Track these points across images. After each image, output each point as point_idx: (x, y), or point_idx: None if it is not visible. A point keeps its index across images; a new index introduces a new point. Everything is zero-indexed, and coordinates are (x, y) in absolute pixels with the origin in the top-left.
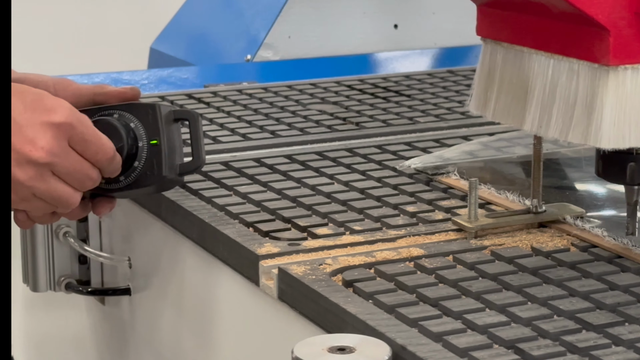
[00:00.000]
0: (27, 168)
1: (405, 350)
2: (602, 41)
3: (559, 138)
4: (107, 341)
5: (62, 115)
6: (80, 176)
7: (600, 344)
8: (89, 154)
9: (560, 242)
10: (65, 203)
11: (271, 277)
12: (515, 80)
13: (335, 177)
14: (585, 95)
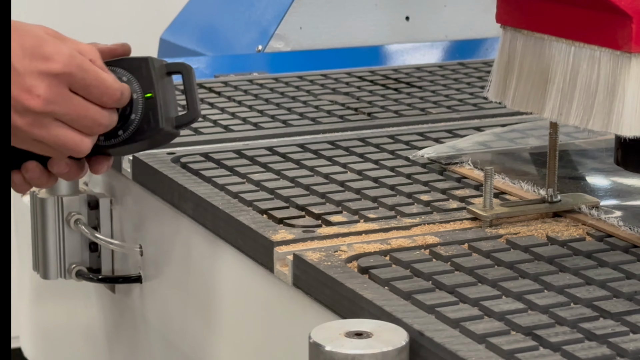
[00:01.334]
0: (24, 115)
1: (422, 336)
2: (624, 28)
3: (579, 126)
4: (117, 329)
5: (60, 64)
6: (87, 122)
7: (618, 331)
8: (93, 98)
9: (576, 232)
10: (75, 148)
11: (286, 264)
12: (535, 67)
13: (348, 166)
14: (606, 82)
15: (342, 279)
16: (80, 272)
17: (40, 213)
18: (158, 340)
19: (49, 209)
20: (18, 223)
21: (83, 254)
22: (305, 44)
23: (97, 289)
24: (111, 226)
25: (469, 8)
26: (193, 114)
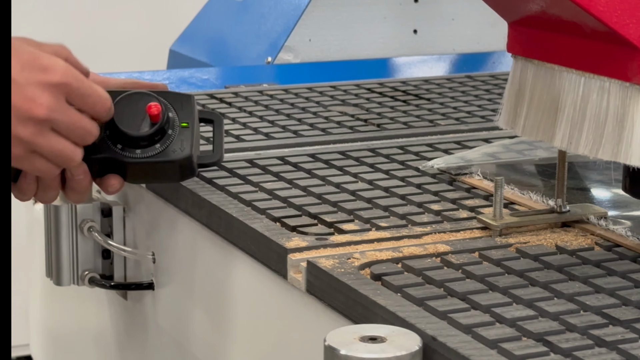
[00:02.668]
0: (28, 125)
1: (435, 341)
2: (633, 60)
3: (589, 155)
4: (129, 336)
5: (58, 74)
6: (80, 131)
7: (628, 338)
8: (87, 107)
9: (585, 241)
10: (67, 158)
11: (299, 270)
12: (545, 97)
13: (359, 176)
14: (615, 113)
15: (356, 286)
16: (93, 279)
17: (54, 220)
18: (170, 347)
19: (63, 216)
20: (31, 230)
21: (96, 260)
22: (315, 56)
23: (110, 296)
24: (124, 233)
25: (476, 22)
26: (217, 156)
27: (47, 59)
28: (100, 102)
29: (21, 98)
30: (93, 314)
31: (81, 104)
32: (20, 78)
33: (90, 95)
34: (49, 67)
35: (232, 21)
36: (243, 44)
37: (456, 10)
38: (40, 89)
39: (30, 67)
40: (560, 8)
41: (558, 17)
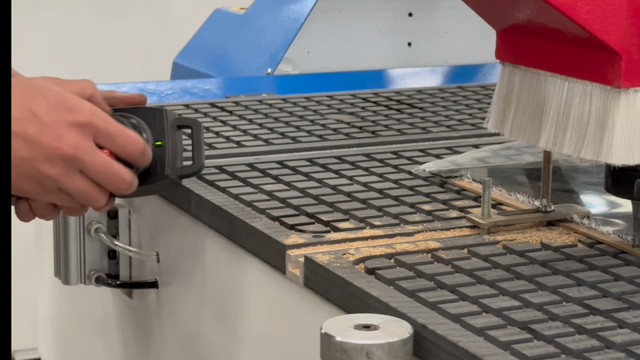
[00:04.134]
0: (56, 163)
1: (425, 328)
2: (614, 65)
3: (572, 154)
4: (134, 333)
5: (85, 115)
6: (109, 175)
7: (607, 326)
8: (117, 148)
9: (568, 239)
10: (92, 200)
11: (297, 266)
12: (531, 100)
13: (354, 179)
14: (597, 115)
15: (351, 279)
16: (100, 278)
17: (62, 222)
18: (174, 343)
19: (71, 218)
20: (40, 232)
21: (102, 261)
22: (313, 68)
23: (115, 295)
24: (129, 234)
25: (467, 35)
26: (197, 166)
27: (73, 100)
28: (130, 143)
29: (49, 137)
30: (99, 312)
31: (111, 146)
32: (48, 118)
33: (119, 136)
34: (75, 108)
35: (233, 34)
36: (244, 56)
37: (449, 24)
38: (67, 128)
39: (57, 107)
40: (546, 16)
41: (543, 25)
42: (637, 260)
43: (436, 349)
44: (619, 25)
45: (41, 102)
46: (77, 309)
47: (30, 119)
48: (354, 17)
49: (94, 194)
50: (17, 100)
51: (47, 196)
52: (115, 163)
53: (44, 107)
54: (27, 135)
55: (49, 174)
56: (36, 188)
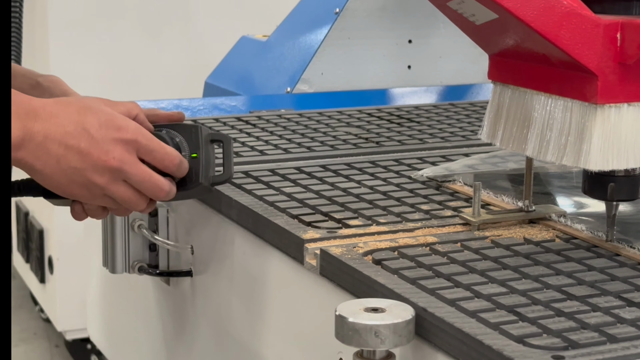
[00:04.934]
0: (104, 173)
1: (426, 311)
2: (591, 84)
3: (555, 161)
4: (171, 316)
5: (130, 133)
6: (149, 185)
7: (582, 309)
8: (157, 162)
9: (547, 235)
10: (134, 205)
11: (314, 257)
12: (519, 115)
13: (362, 183)
14: (577, 127)
15: (361, 268)
16: (142, 268)
17: (110, 219)
18: (206, 324)
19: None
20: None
21: (144, 253)
22: (326, 87)
23: (155, 282)
24: (167, 230)
25: (459, 59)
26: (227, 175)
27: (120, 120)
28: (167, 158)
29: (98, 151)
30: (141, 297)
31: (151, 159)
32: (98, 135)
33: (158, 151)
34: (122, 127)
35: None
36: (266, 77)
37: (443, 50)
38: (114, 144)
39: (106, 126)
40: (532, 42)
41: (530, 50)
42: (608, 253)
43: (435, 329)
44: (596, 51)
45: (93, 120)
46: (121, 294)
47: (83, 134)
48: (361, 44)
49: (136, 200)
50: (73, 117)
51: (94, 200)
52: (154, 174)
53: (95, 124)
54: (80, 148)
55: (97, 182)
56: (85, 193)
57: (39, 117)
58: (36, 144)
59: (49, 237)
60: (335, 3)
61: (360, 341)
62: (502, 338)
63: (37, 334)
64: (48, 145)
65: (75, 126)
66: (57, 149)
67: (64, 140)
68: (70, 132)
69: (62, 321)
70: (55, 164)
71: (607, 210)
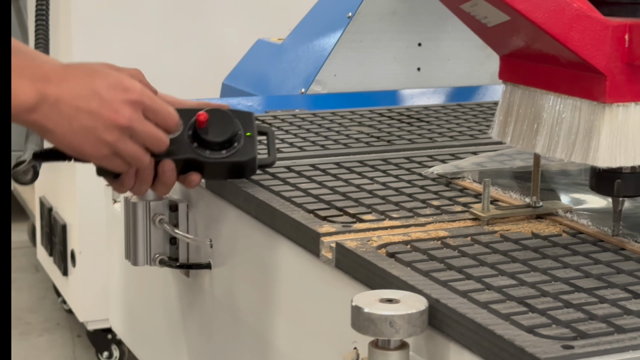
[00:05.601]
0: (113, 131)
1: (439, 302)
2: (600, 84)
3: (564, 159)
4: (191, 307)
5: (136, 94)
6: (154, 140)
7: (590, 301)
8: (159, 121)
9: (554, 229)
10: (139, 161)
11: (330, 250)
12: (529, 114)
13: (374, 179)
14: (585, 125)
15: (375, 261)
16: (162, 260)
17: (132, 214)
18: (224, 315)
19: (139, 211)
20: (110, 224)
21: (165, 246)
22: (339, 88)
23: (175, 274)
24: (187, 224)
25: (467, 62)
26: (272, 159)
27: (128, 81)
28: (169, 117)
29: (108, 110)
30: (161, 288)
31: (154, 118)
32: (107, 96)
33: (161, 112)
34: (129, 88)
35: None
36: (281, 78)
37: (452, 52)
38: (123, 104)
39: (115, 88)
40: (542, 43)
41: (540, 51)
42: (613, 247)
43: (448, 320)
44: (605, 51)
45: (102, 83)
46: (142, 286)
47: (94, 96)
48: (373, 47)
49: (142, 155)
50: (83, 80)
51: (104, 160)
52: (157, 130)
53: (104, 86)
54: (91, 108)
55: (107, 140)
56: (96, 152)
57: (51, 81)
58: (49, 106)
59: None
60: (348, 7)
61: (375, 331)
62: (513, 328)
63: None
64: (60, 107)
65: (85, 88)
66: (69, 110)
67: (75, 101)
68: (81, 94)
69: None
70: (67, 124)
71: (614, 206)
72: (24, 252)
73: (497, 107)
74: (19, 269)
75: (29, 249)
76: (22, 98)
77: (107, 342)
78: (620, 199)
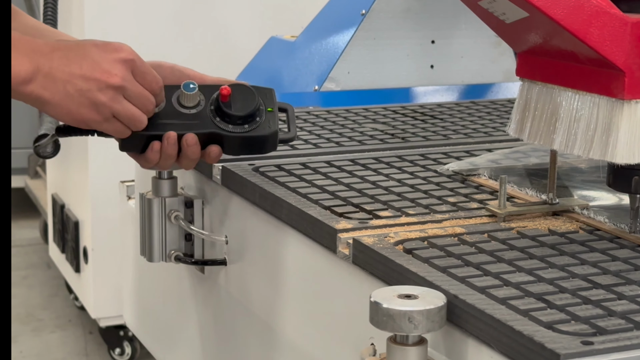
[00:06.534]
0: (107, 91)
1: (457, 298)
2: (618, 81)
3: (582, 155)
4: (206, 303)
5: (127, 53)
6: (144, 100)
7: (608, 297)
8: (147, 83)
9: (571, 226)
10: (137, 121)
11: (346, 246)
12: (546, 110)
13: (390, 176)
14: (604, 122)
15: (393, 257)
16: (178, 257)
17: (147, 210)
18: (240, 311)
19: (155, 207)
20: (124, 221)
21: (180, 242)
22: (352, 85)
23: (190, 271)
24: (202, 221)
25: (480, 59)
26: (292, 134)
27: (117, 43)
28: (155, 80)
29: (100, 71)
30: (177, 285)
31: (142, 80)
32: (98, 57)
33: (149, 74)
34: (119, 48)
35: (286, 58)
36: (295, 76)
37: (465, 50)
38: (114, 63)
39: (104, 48)
40: (560, 40)
41: (558, 47)
42: (630, 244)
43: (466, 315)
44: (624, 48)
45: (92, 46)
46: (157, 282)
47: (85, 58)
48: (386, 44)
49: (139, 115)
50: (73, 47)
51: (104, 124)
52: (145, 90)
53: (94, 49)
54: (83, 71)
55: (102, 101)
56: (94, 116)
57: (43, 53)
58: (43, 76)
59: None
60: (362, 5)
61: (394, 326)
62: (532, 324)
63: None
64: (54, 74)
65: (76, 54)
66: (63, 76)
67: (68, 67)
68: (73, 59)
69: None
70: (62, 91)
71: (631, 203)
72: (36, 249)
73: (515, 104)
74: (31, 265)
75: (40, 246)
76: (18, 69)
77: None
78: (638, 195)
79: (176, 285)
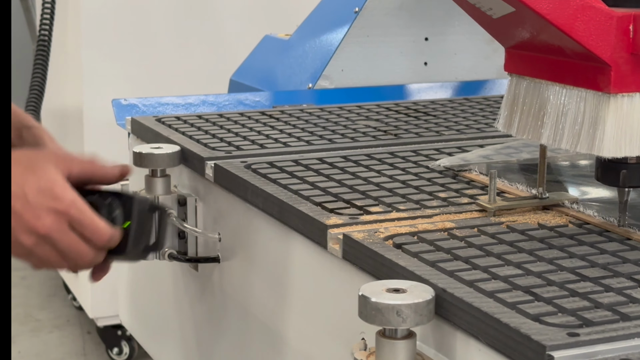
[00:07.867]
0: (31, 235)
1: (445, 292)
2: (605, 75)
3: (569, 149)
4: (200, 300)
5: (64, 204)
6: (74, 255)
7: (596, 290)
8: (87, 234)
9: (561, 220)
10: (56, 268)
11: (337, 242)
12: (534, 105)
13: (381, 172)
14: (590, 116)
15: (382, 252)
16: (171, 255)
17: None
18: (233, 308)
19: None
20: None
21: (173, 240)
22: (346, 83)
23: (184, 268)
24: (196, 218)
25: (473, 56)
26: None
27: (60, 188)
28: (97, 233)
29: (30, 214)
30: (171, 282)
31: (81, 231)
32: (34, 200)
33: (88, 227)
34: (58, 196)
35: (280, 56)
36: (289, 74)
37: (458, 47)
38: (47, 212)
39: (44, 192)
40: (547, 34)
41: (545, 42)
42: (619, 237)
43: (454, 309)
44: (609, 42)
45: (33, 185)
46: (152, 280)
47: (21, 196)
48: (379, 41)
49: (58, 264)
50: (17, 178)
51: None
52: (81, 244)
53: (34, 189)
54: (15, 209)
55: (24, 243)
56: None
57: None
58: None
59: None
60: (355, 2)
61: (382, 320)
62: (519, 317)
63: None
64: None
65: (16, 185)
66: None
67: None
68: (13, 192)
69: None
70: None
71: (619, 196)
72: None
73: (503, 99)
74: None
75: None
76: None
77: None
78: (626, 189)
79: (170, 283)
